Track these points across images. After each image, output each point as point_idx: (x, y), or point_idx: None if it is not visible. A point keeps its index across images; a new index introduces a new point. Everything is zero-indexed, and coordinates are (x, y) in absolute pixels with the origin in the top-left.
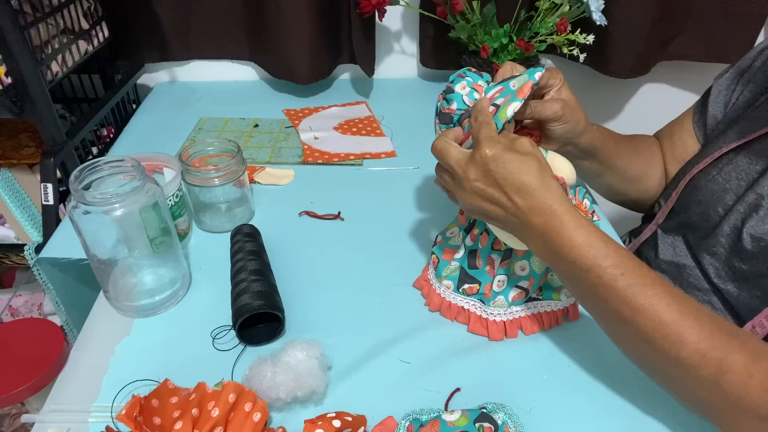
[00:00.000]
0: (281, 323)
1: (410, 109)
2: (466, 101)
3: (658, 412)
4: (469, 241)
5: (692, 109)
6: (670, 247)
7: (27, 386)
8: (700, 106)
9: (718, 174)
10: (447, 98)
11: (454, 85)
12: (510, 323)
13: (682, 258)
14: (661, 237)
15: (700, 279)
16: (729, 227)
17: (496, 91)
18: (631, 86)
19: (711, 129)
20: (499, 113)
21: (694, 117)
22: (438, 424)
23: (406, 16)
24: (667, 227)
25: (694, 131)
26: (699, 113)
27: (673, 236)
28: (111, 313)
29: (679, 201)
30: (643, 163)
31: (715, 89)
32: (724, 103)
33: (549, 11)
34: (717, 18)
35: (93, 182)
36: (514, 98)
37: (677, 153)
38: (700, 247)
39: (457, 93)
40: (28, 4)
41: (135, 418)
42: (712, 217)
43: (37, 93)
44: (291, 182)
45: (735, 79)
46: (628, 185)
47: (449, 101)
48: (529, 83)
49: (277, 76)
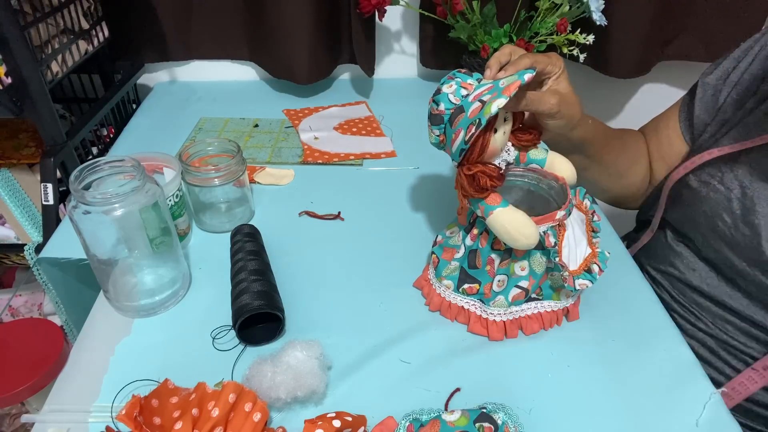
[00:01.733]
0: (281, 323)
1: (410, 109)
2: (452, 99)
3: (658, 412)
4: (469, 241)
5: (677, 108)
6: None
7: (27, 386)
8: (687, 105)
9: (719, 183)
10: (435, 100)
11: (442, 87)
12: (510, 323)
13: (692, 263)
14: (661, 243)
15: (713, 279)
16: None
17: (485, 88)
18: (631, 86)
19: (699, 131)
20: (484, 109)
21: (680, 116)
22: (438, 424)
23: (406, 16)
24: (666, 235)
25: (681, 131)
26: (685, 112)
27: (675, 242)
28: (111, 313)
29: (678, 210)
30: (630, 159)
31: (700, 90)
32: (711, 104)
33: (549, 11)
34: (717, 18)
35: (93, 182)
36: (500, 95)
37: (664, 152)
38: (710, 251)
39: (443, 93)
40: (28, 4)
41: (135, 418)
42: (721, 228)
43: (37, 93)
44: (291, 182)
45: (722, 78)
46: (612, 181)
47: (437, 103)
48: (517, 82)
49: (277, 76)
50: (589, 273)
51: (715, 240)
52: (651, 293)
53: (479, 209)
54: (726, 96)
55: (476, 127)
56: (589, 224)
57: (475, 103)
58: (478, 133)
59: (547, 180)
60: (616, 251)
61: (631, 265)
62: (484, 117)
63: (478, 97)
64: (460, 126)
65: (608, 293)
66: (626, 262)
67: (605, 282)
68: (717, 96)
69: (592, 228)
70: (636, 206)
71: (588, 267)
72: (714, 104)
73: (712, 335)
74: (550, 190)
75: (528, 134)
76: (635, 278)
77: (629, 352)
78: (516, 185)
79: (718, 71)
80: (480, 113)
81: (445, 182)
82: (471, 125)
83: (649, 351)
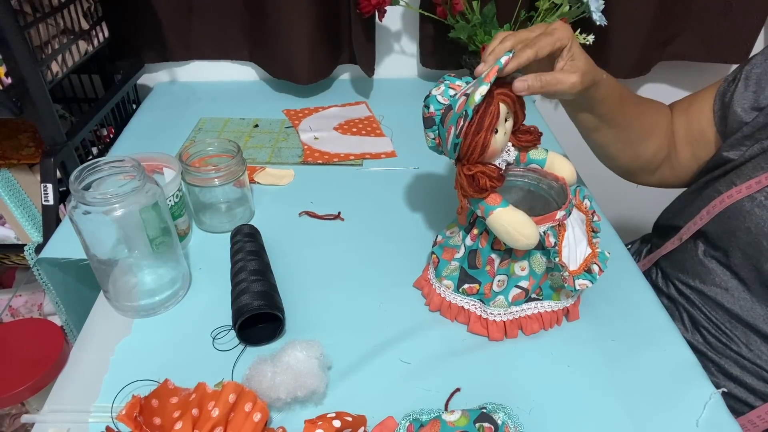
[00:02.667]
0: (281, 323)
1: (410, 109)
2: (441, 100)
3: (658, 412)
4: (469, 241)
5: (712, 94)
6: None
7: (27, 386)
8: (722, 95)
9: (766, 198)
10: (425, 104)
11: (431, 91)
12: (510, 323)
13: (725, 281)
14: (689, 255)
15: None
16: None
17: (471, 85)
18: (631, 86)
19: (733, 128)
20: (468, 101)
21: (714, 105)
22: (438, 424)
23: (406, 16)
24: (698, 247)
25: (714, 120)
26: (720, 103)
27: (707, 257)
28: (111, 313)
29: (717, 225)
30: (645, 130)
31: (742, 83)
32: (751, 101)
33: (549, 11)
34: (717, 18)
35: (93, 182)
36: (481, 83)
37: (693, 138)
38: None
39: (432, 96)
40: (28, 4)
41: (135, 418)
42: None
43: (37, 93)
44: (291, 182)
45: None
46: (621, 148)
47: (428, 106)
48: (495, 68)
49: (277, 76)
50: (589, 273)
51: (757, 260)
52: (651, 293)
53: (479, 209)
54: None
55: (464, 119)
56: (589, 224)
57: (461, 98)
58: (467, 127)
59: (547, 180)
60: (616, 251)
61: (631, 264)
62: (470, 107)
63: (464, 93)
64: (450, 123)
65: (608, 293)
66: (626, 261)
67: (605, 282)
68: (759, 93)
69: (592, 228)
70: (648, 182)
71: (588, 267)
72: (755, 101)
73: (743, 356)
74: (550, 190)
75: (528, 134)
76: (635, 278)
77: (629, 352)
78: (516, 185)
79: (766, 64)
80: (465, 105)
81: (445, 182)
82: (459, 119)
83: (649, 351)
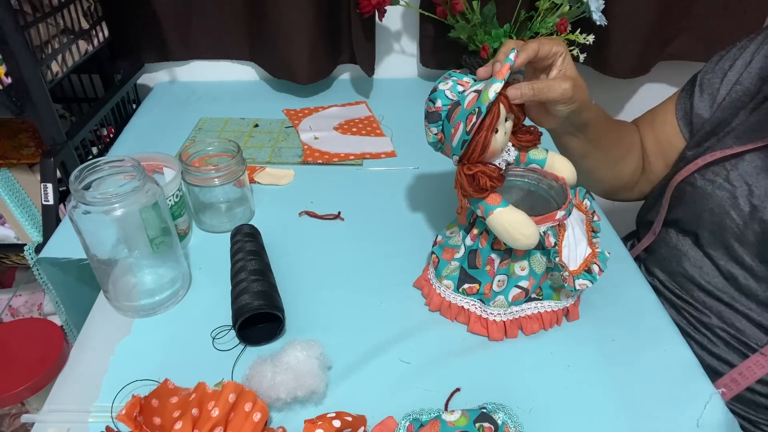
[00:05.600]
0: (281, 323)
1: (410, 109)
2: (449, 95)
3: (659, 412)
4: (469, 240)
5: (673, 104)
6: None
7: (27, 386)
8: (683, 101)
9: (725, 181)
10: (431, 98)
11: (438, 85)
12: (510, 323)
13: (698, 260)
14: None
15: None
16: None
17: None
18: (631, 86)
19: (697, 127)
20: (481, 96)
21: (677, 113)
22: (438, 424)
23: (406, 16)
24: (670, 234)
25: (680, 128)
26: (683, 109)
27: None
28: (111, 313)
29: (683, 208)
30: (625, 148)
31: (698, 88)
32: (709, 101)
33: (549, 11)
34: (717, 18)
35: (93, 182)
36: (494, 80)
37: (663, 148)
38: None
39: (440, 90)
40: (28, 4)
41: (135, 418)
42: (729, 225)
43: (37, 93)
44: (291, 182)
45: (719, 76)
46: (607, 169)
47: (434, 100)
48: (507, 64)
49: (277, 76)
50: (589, 273)
51: (723, 237)
52: (651, 293)
53: (479, 209)
54: (725, 95)
55: (477, 116)
56: (589, 224)
57: (471, 94)
58: (479, 125)
59: (547, 180)
60: (616, 251)
61: (631, 265)
62: (483, 105)
63: (473, 90)
64: (459, 119)
65: (608, 293)
66: (626, 262)
67: (605, 282)
68: (715, 95)
69: (592, 228)
70: (629, 198)
71: (588, 267)
72: (712, 102)
73: (720, 328)
74: (550, 190)
75: (528, 134)
76: (635, 278)
77: (629, 352)
78: (516, 185)
79: (715, 70)
80: (478, 101)
81: (445, 182)
82: (471, 115)
83: (649, 351)
